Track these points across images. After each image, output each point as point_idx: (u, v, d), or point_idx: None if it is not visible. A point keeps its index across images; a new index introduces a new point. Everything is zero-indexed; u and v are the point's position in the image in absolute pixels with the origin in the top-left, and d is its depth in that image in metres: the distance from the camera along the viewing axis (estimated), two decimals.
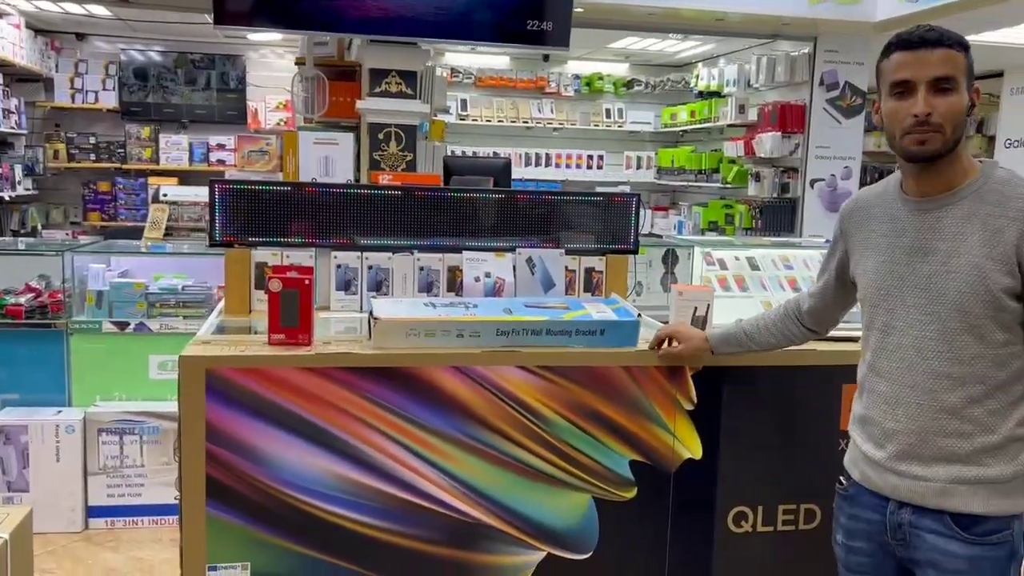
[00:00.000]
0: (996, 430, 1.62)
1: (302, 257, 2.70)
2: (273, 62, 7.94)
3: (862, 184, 6.27)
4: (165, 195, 5.30)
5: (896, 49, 1.64)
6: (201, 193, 5.39)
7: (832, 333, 2.16)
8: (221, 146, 7.56)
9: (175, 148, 7.53)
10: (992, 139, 7.54)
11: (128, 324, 3.88)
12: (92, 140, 7.48)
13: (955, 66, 1.60)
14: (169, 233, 5.09)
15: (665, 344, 2.21)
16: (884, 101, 1.68)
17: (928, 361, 1.64)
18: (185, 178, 7.33)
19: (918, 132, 1.60)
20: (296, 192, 2.75)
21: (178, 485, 2.44)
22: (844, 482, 1.86)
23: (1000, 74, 7.22)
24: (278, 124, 7.65)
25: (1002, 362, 1.62)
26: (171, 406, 3.82)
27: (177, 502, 2.70)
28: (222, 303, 2.77)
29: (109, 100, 7.52)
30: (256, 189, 2.71)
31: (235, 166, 6.59)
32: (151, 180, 7.23)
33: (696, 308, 2.37)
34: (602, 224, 2.85)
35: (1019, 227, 1.57)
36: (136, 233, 5.44)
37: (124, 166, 7.51)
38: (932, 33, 1.61)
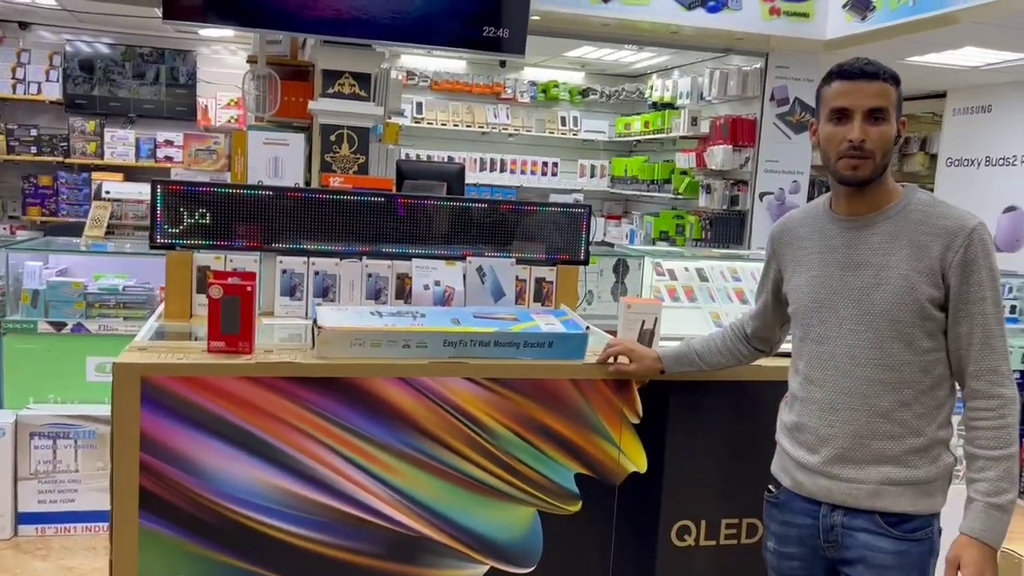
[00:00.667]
0: (923, 432, 1.74)
1: (246, 261, 2.65)
2: (225, 58, 7.80)
3: (810, 197, 6.39)
4: (107, 192, 5.16)
5: (836, 78, 1.76)
6: (146, 191, 5.27)
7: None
8: (169, 142, 7.39)
9: (121, 143, 7.34)
10: (934, 157, 7.74)
11: (65, 324, 3.76)
12: (33, 132, 7.26)
13: (888, 99, 1.73)
14: (111, 231, 4.95)
15: (614, 360, 2.21)
16: (822, 125, 1.80)
17: (862, 368, 1.75)
18: (131, 174, 7.15)
19: (852, 157, 1.72)
20: (241, 194, 2.69)
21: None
22: (773, 489, 1.94)
23: (943, 94, 7.42)
24: (229, 121, 7.51)
25: (927, 368, 1.74)
26: (108, 409, 3.71)
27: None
28: (163, 306, 2.69)
29: (52, 92, 7.31)
30: (200, 190, 2.64)
31: (182, 164, 6.45)
32: (95, 175, 7.04)
33: (644, 321, 2.37)
34: (553, 235, 2.84)
35: (943, 242, 1.71)
36: (78, 229, 5.28)
37: (67, 160, 7.31)
38: (870, 67, 1.74)
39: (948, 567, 1.68)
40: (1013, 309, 5.17)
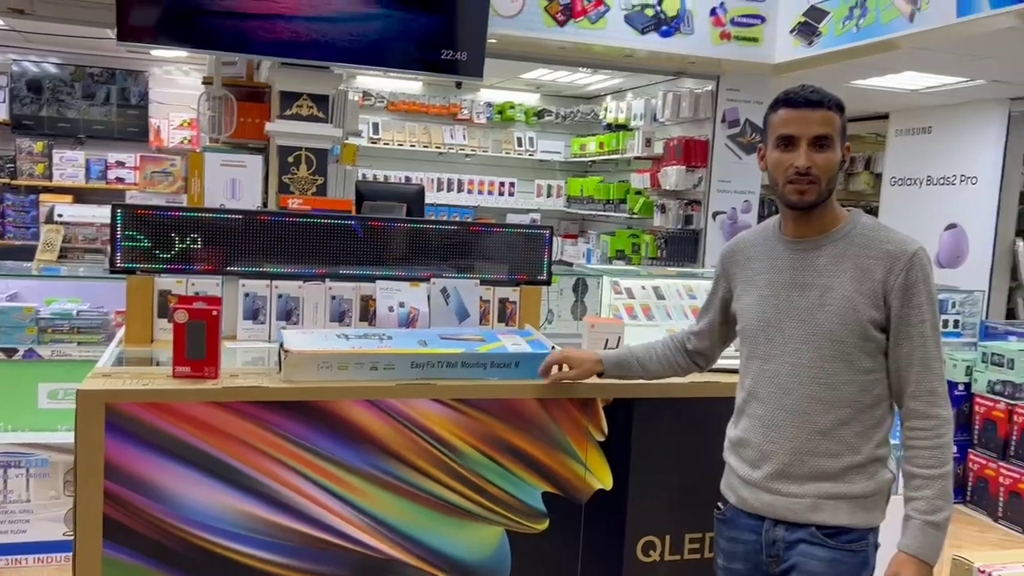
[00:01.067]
0: (860, 450, 1.79)
1: (208, 285, 2.63)
2: (178, 79, 7.73)
3: (760, 216, 6.54)
4: (60, 216, 5.06)
5: (783, 106, 1.81)
6: (99, 213, 5.18)
7: (730, 365, 2.24)
8: (120, 163, 7.29)
9: (70, 164, 7.21)
10: (879, 176, 8.00)
11: (16, 351, 3.68)
12: None
13: (832, 126, 1.78)
14: (63, 255, 4.85)
15: (556, 369, 2.20)
16: (770, 151, 1.84)
17: (803, 386, 1.80)
18: (81, 196, 7.02)
19: (798, 182, 1.77)
20: (203, 217, 2.67)
21: (66, 520, 2.31)
22: (721, 507, 1.99)
23: (886, 116, 7.68)
24: (182, 142, 7.43)
25: (867, 388, 1.79)
26: (61, 437, 3.63)
27: (66, 538, 2.55)
28: (122, 331, 2.66)
29: None
30: (161, 214, 2.62)
31: (137, 186, 6.35)
32: (43, 197, 6.90)
33: (608, 340, 2.41)
34: (516, 255, 2.88)
35: (885, 266, 1.76)
36: (26, 253, 5.16)
37: (13, 182, 7.15)
38: (815, 95, 1.78)
39: None
40: (956, 324, 5.35)
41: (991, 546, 4.01)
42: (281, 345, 2.12)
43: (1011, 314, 6.69)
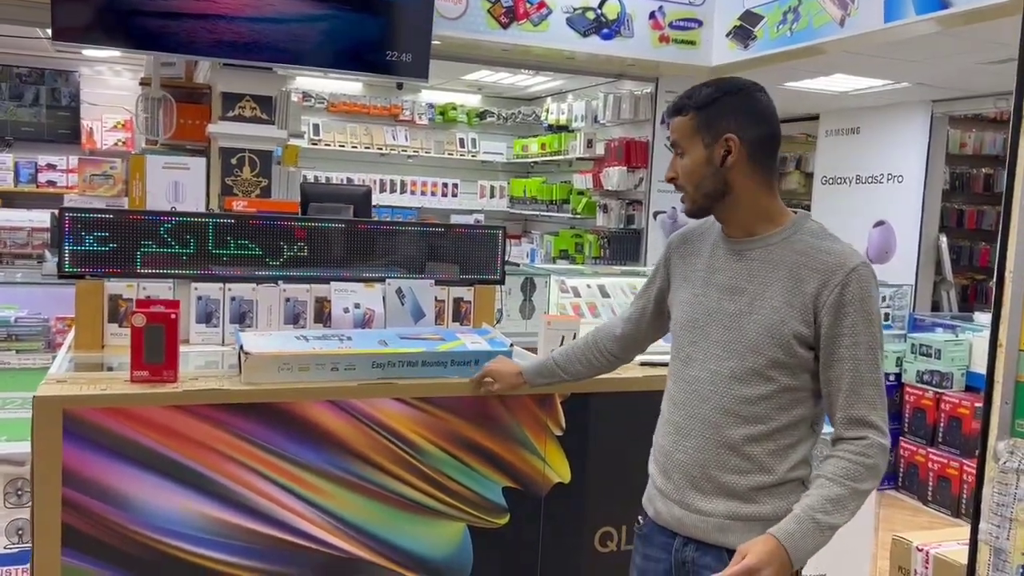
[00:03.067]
0: (773, 471, 1.67)
1: (160, 289, 2.60)
2: (110, 79, 7.54)
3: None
4: None
5: None
6: (35, 217, 5.04)
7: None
8: (52, 166, 7.06)
9: None
10: (810, 176, 8.26)
11: None
12: None
13: (681, 131, 1.73)
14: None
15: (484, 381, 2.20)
16: None
17: (718, 396, 1.69)
18: (10, 199, 6.79)
19: (679, 191, 1.79)
20: (153, 220, 2.64)
21: (7, 532, 2.28)
22: (641, 521, 1.88)
23: (816, 117, 7.94)
24: (116, 144, 7.25)
25: (785, 406, 1.66)
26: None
27: (6, 551, 2.50)
28: (70, 337, 2.61)
29: None
30: (110, 217, 2.58)
31: (75, 189, 6.16)
32: None
33: (563, 336, 2.47)
34: (470, 255, 2.92)
35: (820, 279, 1.63)
36: None
37: None
38: (673, 105, 1.76)
39: (736, 554, 1.57)
40: (887, 316, 5.58)
41: (922, 528, 4.20)
42: (241, 347, 2.12)
43: (936, 306, 6.99)
